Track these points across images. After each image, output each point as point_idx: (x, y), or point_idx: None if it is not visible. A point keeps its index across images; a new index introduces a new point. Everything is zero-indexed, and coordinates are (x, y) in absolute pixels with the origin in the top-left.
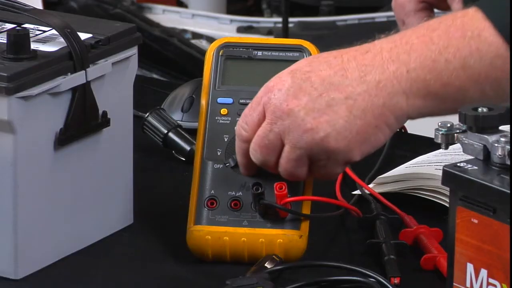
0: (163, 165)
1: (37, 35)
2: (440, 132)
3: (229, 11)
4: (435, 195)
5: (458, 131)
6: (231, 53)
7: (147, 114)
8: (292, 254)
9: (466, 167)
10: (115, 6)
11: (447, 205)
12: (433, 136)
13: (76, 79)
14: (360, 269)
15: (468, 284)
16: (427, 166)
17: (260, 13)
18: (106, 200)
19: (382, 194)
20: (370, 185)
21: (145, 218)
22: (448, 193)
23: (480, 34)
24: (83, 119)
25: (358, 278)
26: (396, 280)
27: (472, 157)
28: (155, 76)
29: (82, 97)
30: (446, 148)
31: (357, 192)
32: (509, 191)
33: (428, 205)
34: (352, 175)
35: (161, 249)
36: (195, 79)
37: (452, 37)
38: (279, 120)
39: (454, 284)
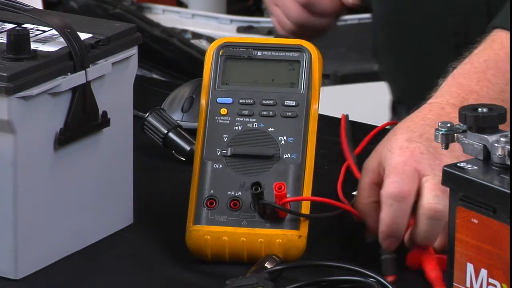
0: (163, 165)
1: (37, 35)
2: (440, 132)
3: (229, 11)
4: None
5: (458, 131)
6: (231, 53)
7: (147, 114)
8: (292, 254)
9: (466, 167)
10: (115, 6)
11: None
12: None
13: (76, 79)
14: (360, 269)
15: (468, 284)
16: None
17: (260, 13)
18: (106, 200)
19: None
20: None
21: (145, 218)
22: None
23: None
24: (83, 119)
25: (358, 278)
26: (391, 279)
27: (472, 157)
28: (155, 76)
29: (82, 97)
30: (446, 148)
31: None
32: (509, 191)
33: None
34: (356, 172)
35: (161, 249)
36: (195, 79)
37: (505, 70)
38: None
39: (454, 284)
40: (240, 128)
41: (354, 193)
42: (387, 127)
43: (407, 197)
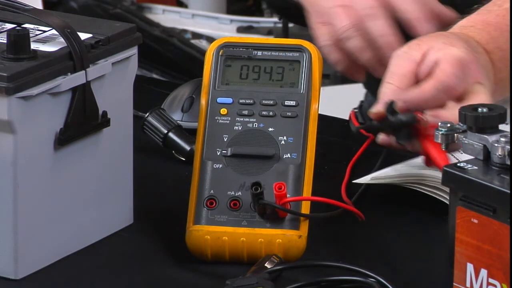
0: (163, 165)
1: (37, 35)
2: (440, 132)
3: (229, 11)
4: (435, 191)
5: (458, 131)
6: (231, 53)
7: (147, 114)
8: (291, 254)
9: (466, 167)
10: (115, 6)
11: (447, 202)
12: None
13: (76, 79)
14: (360, 269)
15: (468, 284)
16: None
17: (260, 13)
18: (106, 200)
19: (382, 185)
20: (370, 177)
21: (145, 218)
22: (448, 190)
23: None
24: (83, 119)
25: (358, 278)
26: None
27: (472, 157)
28: (155, 76)
29: (82, 97)
30: (446, 148)
31: (359, 181)
32: (509, 191)
33: (428, 205)
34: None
35: (161, 249)
36: (195, 79)
37: None
38: None
39: (454, 284)
40: (240, 128)
41: (356, 181)
42: None
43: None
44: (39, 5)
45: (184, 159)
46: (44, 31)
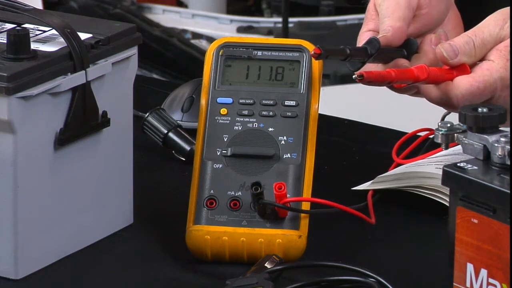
0: (163, 165)
1: (37, 35)
2: (440, 132)
3: (229, 11)
4: (434, 193)
5: (458, 131)
6: (231, 53)
7: (147, 114)
8: (291, 254)
9: (466, 167)
10: (115, 6)
11: (447, 204)
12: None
13: (76, 79)
14: (360, 269)
15: (468, 284)
16: (427, 165)
17: (260, 13)
18: (106, 200)
19: (382, 191)
20: (369, 183)
21: (145, 218)
22: (448, 193)
23: None
24: (83, 119)
25: (358, 278)
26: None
27: (472, 157)
28: (155, 76)
29: (82, 97)
30: (446, 148)
31: (358, 187)
32: (509, 191)
33: (428, 205)
34: None
35: (161, 249)
36: (195, 79)
37: None
38: None
39: (454, 284)
40: (240, 128)
41: (355, 188)
42: (419, 133)
43: None
44: (39, 5)
45: (184, 159)
46: (44, 31)
